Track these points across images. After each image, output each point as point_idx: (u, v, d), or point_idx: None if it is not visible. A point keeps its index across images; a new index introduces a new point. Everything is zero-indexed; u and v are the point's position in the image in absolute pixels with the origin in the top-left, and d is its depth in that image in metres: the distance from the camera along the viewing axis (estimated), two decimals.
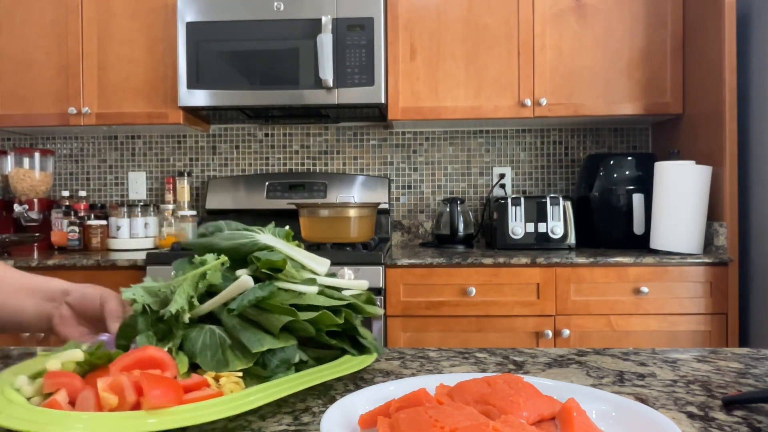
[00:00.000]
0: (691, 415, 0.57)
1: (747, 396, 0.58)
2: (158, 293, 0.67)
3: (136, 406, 0.49)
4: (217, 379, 0.60)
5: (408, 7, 2.40)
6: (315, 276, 0.71)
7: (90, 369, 0.57)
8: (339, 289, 0.72)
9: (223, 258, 0.69)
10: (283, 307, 0.64)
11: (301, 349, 0.67)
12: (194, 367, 0.62)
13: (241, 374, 0.61)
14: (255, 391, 0.57)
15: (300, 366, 0.66)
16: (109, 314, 0.72)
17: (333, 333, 0.69)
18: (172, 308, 0.64)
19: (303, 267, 0.72)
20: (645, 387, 0.65)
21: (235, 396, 0.55)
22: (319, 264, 0.70)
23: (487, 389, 0.49)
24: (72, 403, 0.51)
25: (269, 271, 0.67)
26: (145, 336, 0.64)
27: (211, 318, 0.67)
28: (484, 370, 0.71)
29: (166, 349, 0.62)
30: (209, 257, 0.68)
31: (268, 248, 0.70)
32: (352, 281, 0.73)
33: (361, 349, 0.71)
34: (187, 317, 0.65)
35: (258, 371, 0.63)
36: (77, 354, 0.55)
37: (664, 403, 0.60)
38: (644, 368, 0.73)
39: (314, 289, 0.67)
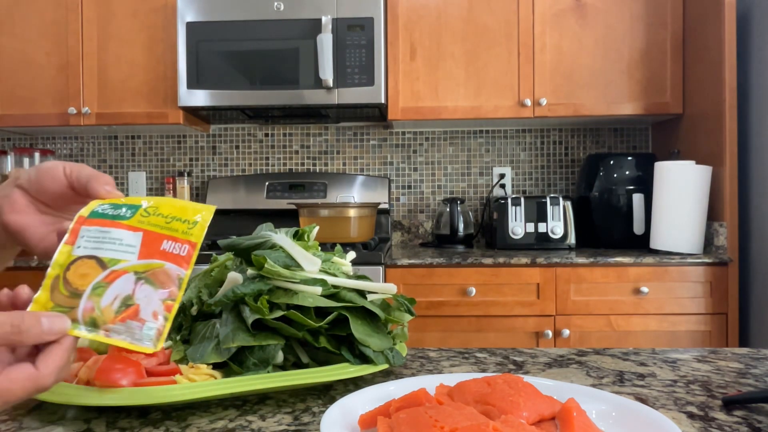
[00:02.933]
0: (691, 415, 0.57)
1: (747, 396, 0.58)
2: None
3: (114, 383, 0.56)
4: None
5: (408, 7, 2.40)
6: (335, 278, 0.69)
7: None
8: (364, 293, 0.70)
9: (229, 256, 0.73)
10: (256, 306, 0.63)
11: (298, 351, 0.67)
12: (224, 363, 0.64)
13: (211, 368, 0.62)
14: (200, 385, 0.58)
15: (291, 368, 0.66)
16: (92, 177, 0.54)
17: (339, 338, 0.67)
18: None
19: (299, 265, 0.72)
20: (645, 387, 0.65)
21: (174, 387, 0.57)
22: (310, 263, 0.69)
23: (487, 389, 0.49)
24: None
25: (258, 269, 0.67)
26: None
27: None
28: (484, 370, 0.71)
29: (178, 338, 0.68)
30: (224, 256, 0.73)
31: (276, 247, 0.70)
32: (378, 285, 0.70)
33: (365, 357, 0.66)
34: (194, 310, 0.68)
35: (235, 368, 0.63)
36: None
37: (664, 403, 0.60)
38: (644, 368, 0.73)
39: (317, 289, 0.66)
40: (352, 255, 0.79)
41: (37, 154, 2.61)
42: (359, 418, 0.48)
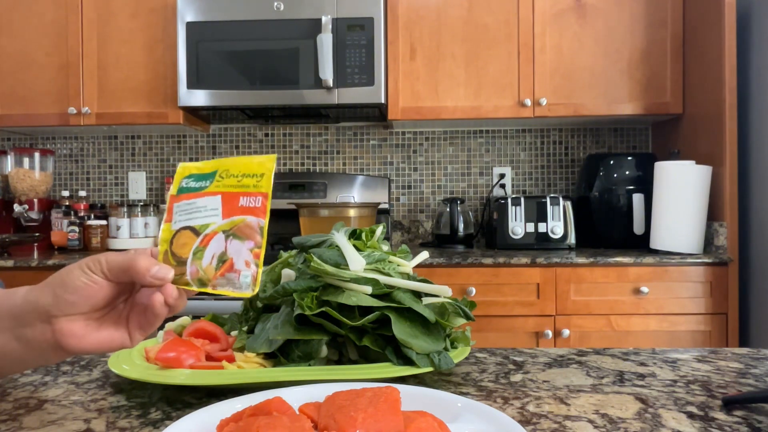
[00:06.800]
0: (691, 415, 0.57)
1: (747, 396, 0.58)
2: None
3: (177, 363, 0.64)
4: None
5: (408, 7, 2.40)
6: (387, 278, 0.69)
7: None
8: (420, 294, 0.70)
9: (291, 253, 0.78)
10: (299, 301, 0.65)
11: (349, 348, 0.67)
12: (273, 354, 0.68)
13: (262, 357, 0.66)
14: (241, 372, 0.62)
15: (335, 363, 0.67)
16: (130, 269, 0.51)
17: (388, 338, 0.66)
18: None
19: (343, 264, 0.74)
20: (645, 387, 0.65)
21: (217, 372, 0.62)
22: (354, 263, 0.69)
23: (346, 402, 0.46)
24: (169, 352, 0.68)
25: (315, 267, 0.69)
26: (235, 315, 0.77)
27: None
28: (483, 370, 0.71)
29: (245, 329, 0.72)
30: (288, 253, 0.78)
31: (334, 246, 0.72)
32: (431, 286, 0.70)
33: (407, 359, 0.64)
34: (258, 303, 0.72)
35: (282, 359, 0.66)
36: (186, 320, 0.77)
37: (664, 403, 0.60)
38: (644, 368, 0.73)
39: (366, 288, 0.65)
40: (424, 255, 0.79)
41: (37, 154, 2.61)
42: (219, 422, 0.47)
